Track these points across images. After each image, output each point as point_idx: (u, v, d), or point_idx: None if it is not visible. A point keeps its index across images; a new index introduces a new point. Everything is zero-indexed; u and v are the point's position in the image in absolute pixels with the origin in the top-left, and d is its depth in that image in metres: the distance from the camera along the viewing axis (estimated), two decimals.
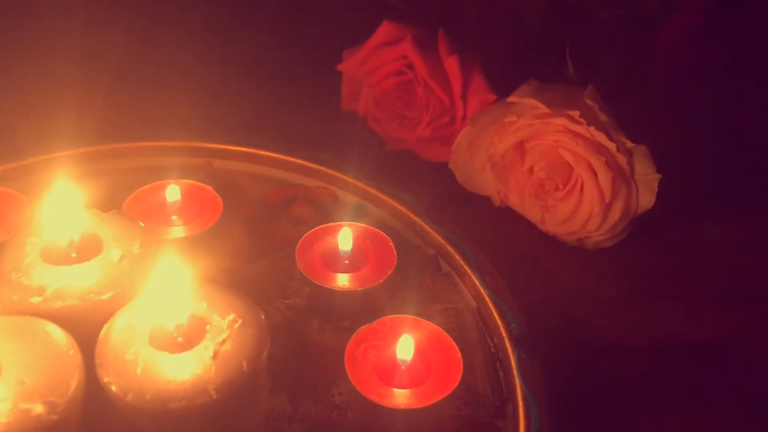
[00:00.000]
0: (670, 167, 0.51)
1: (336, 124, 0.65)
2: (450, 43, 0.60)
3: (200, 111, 0.61)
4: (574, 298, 0.51)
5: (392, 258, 0.48)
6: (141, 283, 0.37)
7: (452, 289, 0.50)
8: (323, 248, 0.49)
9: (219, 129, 0.59)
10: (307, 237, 0.49)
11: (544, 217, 0.54)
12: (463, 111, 0.60)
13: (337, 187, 0.57)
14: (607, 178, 0.51)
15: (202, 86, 0.64)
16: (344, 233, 0.49)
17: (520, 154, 0.55)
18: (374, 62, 0.62)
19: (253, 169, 0.59)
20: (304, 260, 0.48)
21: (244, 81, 0.65)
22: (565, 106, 0.52)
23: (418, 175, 0.61)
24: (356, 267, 0.48)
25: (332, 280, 0.47)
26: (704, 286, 0.52)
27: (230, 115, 0.63)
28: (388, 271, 0.47)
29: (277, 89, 0.66)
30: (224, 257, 0.51)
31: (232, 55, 0.68)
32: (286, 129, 0.62)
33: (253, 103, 0.64)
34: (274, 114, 0.64)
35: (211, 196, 0.53)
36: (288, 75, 0.68)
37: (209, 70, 0.66)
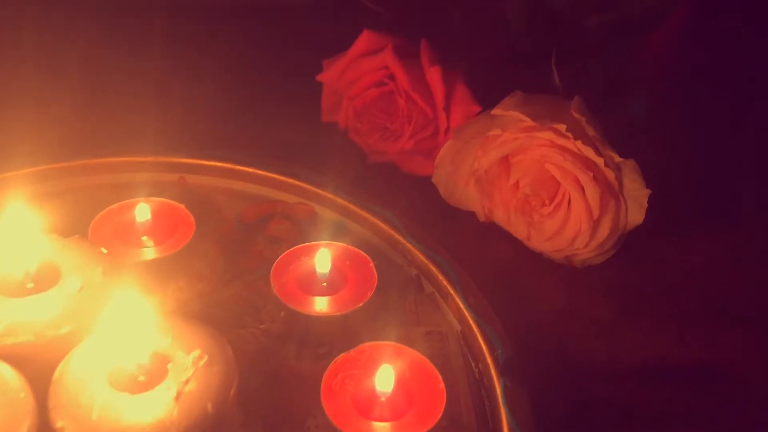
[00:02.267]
0: (659, 181, 0.50)
1: (316, 136, 0.62)
2: (432, 52, 0.58)
3: (173, 124, 0.58)
4: (562, 319, 0.49)
5: (372, 279, 0.46)
6: (101, 316, 0.34)
7: (436, 310, 0.48)
8: (300, 270, 0.47)
9: (193, 143, 0.57)
10: (283, 258, 0.47)
11: (530, 233, 0.52)
12: (446, 123, 0.58)
13: (316, 203, 0.55)
14: (595, 193, 0.49)
15: (175, 98, 0.61)
16: (322, 254, 0.47)
17: (505, 169, 0.53)
18: (354, 73, 0.60)
19: (229, 184, 0.56)
20: (279, 283, 0.46)
21: (219, 92, 0.63)
22: (551, 119, 0.50)
23: (400, 189, 0.59)
24: (334, 289, 0.46)
25: (309, 305, 0.45)
26: (695, 304, 0.50)
27: (205, 128, 0.60)
28: (368, 294, 0.45)
29: (254, 101, 0.64)
30: (198, 279, 0.49)
31: (206, 65, 0.65)
32: (264, 142, 0.60)
33: (229, 116, 0.62)
34: (251, 127, 0.62)
35: (183, 214, 0.51)
36: (265, 86, 0.66)
37: (182, 80, 0.64)
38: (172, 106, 0.60)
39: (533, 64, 0.59)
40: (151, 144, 0.56)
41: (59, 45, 0.62)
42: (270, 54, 0.68)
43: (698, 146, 0.60)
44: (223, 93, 0.64)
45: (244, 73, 0.67)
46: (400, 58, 0.57)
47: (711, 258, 0.53)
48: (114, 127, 0.59)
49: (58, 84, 0.60)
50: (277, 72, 0.67)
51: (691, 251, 0.53)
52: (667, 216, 0.52)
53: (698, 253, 0.53)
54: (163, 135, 0.56)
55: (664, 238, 0.54)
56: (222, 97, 0.63)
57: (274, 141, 0.61)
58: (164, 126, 0.58)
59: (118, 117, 0.60)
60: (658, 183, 0.49)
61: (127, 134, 0.56)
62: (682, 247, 0.53)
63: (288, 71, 0.67)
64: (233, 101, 0.64)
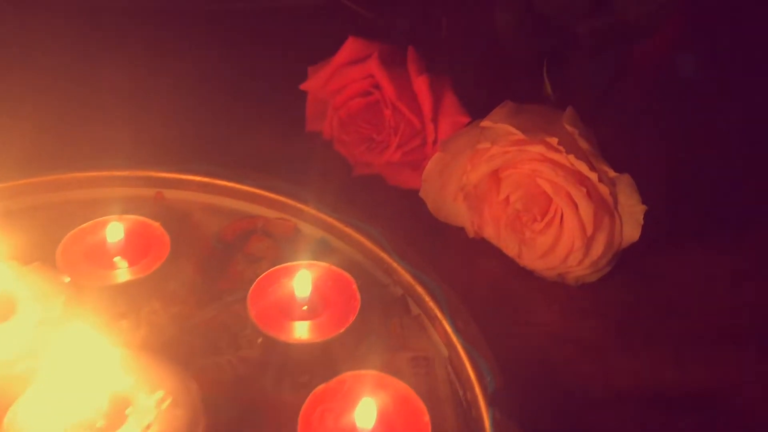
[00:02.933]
0: (656, 194, 0.48)
1: (300, 147, 0.60)
2: (420, 61, 0.56)
3: (148, 136, 0.56)
4: (555, 341, 0.47)
5: (355, 302, 0.44)
6: (59, 353, 0.32)
7: (422, 333, 0.46)
8: (279, 293, 0.44)
9: (170, 156, 0.54)
10: (262, 280, 0.45)
11: (522, 250, 0.50)
12: (434, 134, 0.55)
13: (298, 219, 0.53)
14: (589, 210, 0.47)
15: (151, 108, 0.59)
16: (301, 277, 0.45)
17: (495, 183, 0.51)
18: (339, 81, 0.58)
19: (207, 199, 0.54)
20: (257, 307, 0.43)
21: (198, 102, 0.61)
22: (542, 131, 0.48)
23: (387, 203, 0.57)
24: (315, 313, 0.44)
25: (288, 331, 0.42)
26: (694, 325, 0.48)
27: (182, 140, 0.58)
28: (350, 318, 0.43)
29: (234, 111, 0.62)
30: (173, 302, 0.47)
31: (184, 74, 0.63)
32: (245, 154, 0.58)
33: (208, 127, 0.60)
34: (231, 138, 0.59)
35: (158, 233, 0.48)
36: (247, 95, 0.63)
37: (159, 90, 0.61)
38: (148, 116, 0.58)
39: (524, 72, 0.57)
40: (126, 157, 0.53)
41: (27, 54, 0.60)
42: (251, 61, 0.66)
43: (695, 157, 0.58)
44: (202, 102, 0.61)
45: (225, 81, 0.64)
46: (386, 66, 0.55)
47: (710, 275, 0.50)
48: (86, 139, 0.57)
49: (26, 95, 0.57)
50: (259, 80, 0.65)
51: (689, 268, 0.51)
52: (664, 231, 0.50)
53: (697, 270, 0.51)
54: (138, 147, 0.54)
55: (661, 255, 0.51)
56: (201, 106, 0.61)
57: (255, 153, 0.58)
58: (139, 138, 0.55)
59: (90, 129, 0.57)
60: (654, 196, 0.47)
61: (100, 147, 0.53)
62: (681, 264, 0.51)
63: (271, 79, 0.65)
64: (213, 111, 0.61)
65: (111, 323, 0.44)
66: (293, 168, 0.57)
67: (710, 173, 0.57)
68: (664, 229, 0.50)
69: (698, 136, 0.59)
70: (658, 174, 0.54)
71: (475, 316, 0.46)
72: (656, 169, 0.54)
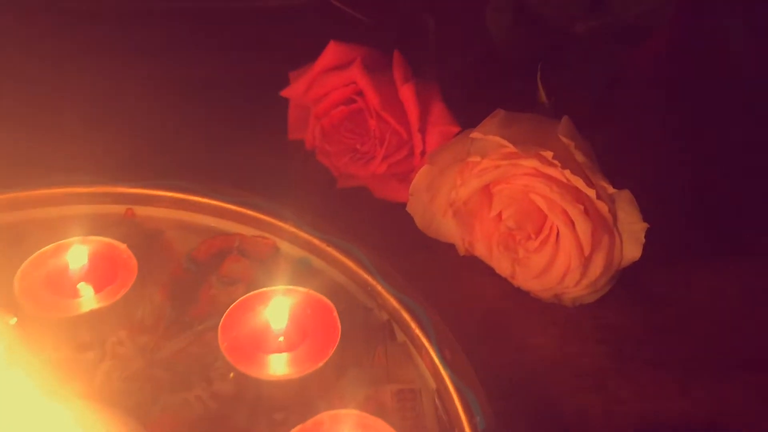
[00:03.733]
0: (657, 209, 0.44)
1: (280, 158, 0.57)
2: (406, 66, 0.52)
3: (116, 148, 0.52)
4: (552, 368, 0.44)
5: (335, 332, 0.41)
6: None
7: (408, 363, 0.43)
8: (253, 322, 0.41)
9: (140, 170, 0.51)
10: (234, 309, 0.42)
11: (515, 270, 0.47)
12: (422, 145, 0.52)
13: (277, 237, 0.50)
14: (587, 228, 0.44)
15: (119, 118, 0.55)
16: (278, 305, 0.41)
17: (486, 198, 0.47)
18: (321, 89, 0.54)
19: (180, 216, 0.51)
20: (229, 338, 0.40)
21: (171, 111, 0.57)
22: (536, 143, 0.45)
23: (372, 217, 0.53)
24: (292, 345, 0.41)
25: (262, 365, 0.39)
26: (701, 349, 0.45)
27: (154, 152, 0.54)
28: (330, 351, 0.40)
29: (211, 120, 0.58)
30: (140, 331, 0.43)
31: (154, 79, 0.59)
32: (222, 167, 0.55)
33: (182, 138, 0.56)
34: (207, 150, 0.56)
35: (124, 256, 0.45)
36: (224, 102, 0.60)
37: (126, 97, 0.57)
38: (116, 126, 0.54)
39: (517, 77, 0.54)
40: (91, 172, 0.50)
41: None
42: (229, 65, 0.62)
43: (701, 169, 0.54)
44: (175, 111, 0.57)
45: (200, 87, 0.60)
46: (369, 72, 0.52)
47: (718, 295, 0.47)
48: (45, 152, 0.53)
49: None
50: (237, 85, 0.61)
51: (695, 288, 0.48)
52: (668, 248, 0.47)
53: (703, 290, 0.47)
54: (104, 161, 0.50)
55: (665, 274, 0.48)
56: (174, 115, 0.57)
57: (232, 165, 0.55)
58: (106, 150, 0.52)
59: (51, 139, 0.53)
60: (656, 211, 0.44)
61: (62, 160, 0.50)
62: (686, 284, 0.48)
63: (250, 84, 0.61)
64: (187, 120, 0.57)
65: (73, 356, 0.42)
66: (273, 181, 0.54)
67: (718, 186, 0.53)
68: (668, 247, 0.47)
69: (705, 146, 0.55)
70: (660, 187, 0.50)
71: (466, 342, 0.43)
72: (658, 182, 0.51)
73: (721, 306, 0.47)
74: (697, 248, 0.50)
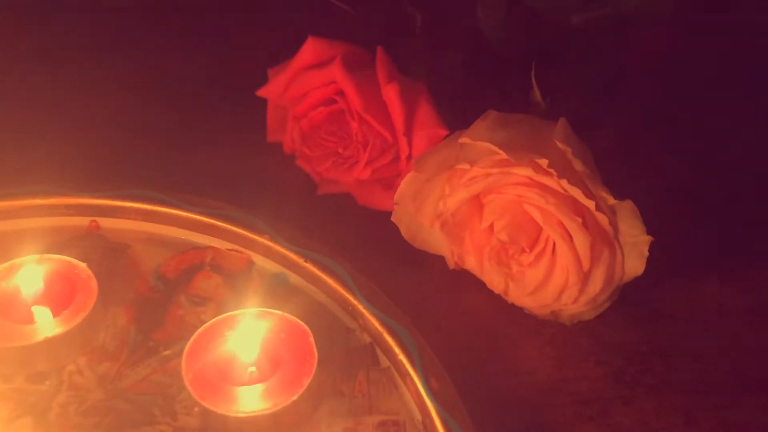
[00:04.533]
0: (661, 219, 0.41)
1: (258, 163, 0.53)
2: (390, 64, 0.49)
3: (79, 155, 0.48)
4: (548, 393, 0.40)
5: (311, 359, 0.37)
6: None
7: (392, 391, 0.39)
8: (221, 350, 0.38)
9: (105, 179, 0.47)
10: (201, 335, 0.38)
11: (509, 286, 0.43)
12: (408, 149, 0.48)
13: (252, 251, 0.46)
14: (585, 242, 0.40)
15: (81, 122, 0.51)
16: (248, 331, 0.38)
17: (476, 208, 0.44)
18: (299, 88, 0.51)
19: (149, 229, 0.47)
20: (194, 369, 0.37)
21: (138, 113, 0.53)
22: (530, 149, 0.41)
23: (355, 226, 0.50)
24: (264, 375, 0.37)
25: (231, 399, 0.36)
26: (706, 370, 0.41)
27: (120, 159, 0.51)
28: (305, 381, 0.37)
29: (182, 122, 0.54)
30: (101, 358, 0.40)
31: (121, 80, 0.54)
32: (194, 175, 0.51)
33: (150, 143, 0.52)
34: (178, 155, 0.52)
35: (84, 276, 0.42)
36: (196, 103, 0.56)
37: (89, 100, 0.53)
38: (77, 131, 0.50)
39: (510, 75, 0.50)
40: (51, 181, 0.46)
41: None
42: (202, 62, 0.58)
43: (708, 175, 0.50)
44: (142, 113, 0.53)
45: (170, 87, 0.56)
46: (350, 71, 0.48)
47: (725, 313, 0.44)
48: None
49: None
50: (211, 84, 0.57)
51: (701, 305, 0.44)
52: (673, 262, 0.44)
53: (710, 308, 0.44)
54: (65, 169, 0.46)
55: (669, 289, 0.45)
56: (141, 118, 0.53)
57: (205, 172, 0.51)
58: (67, 157, 0.48)
59: (5, 149, 0.50)
60: (660, 222, 0.40)
61: (18, 169, 0.46)
62: (691, 300, 0.44)
63: (225, 83, 0.57)
64: (155, 124, 0.53)
65: (26, 388, 0.38)
66: (249, 189, 0.50)
67: (727, 192, 0.50)
68: (673, 258, 0.44)
69: (714, 150, 0.51)
70: (665, 193, 0.47)
71: (455, 365, 0.39)
72: (663, 188, 0.47)
73: (731, 322, 0.44)
74: (705, 259, 0.46)
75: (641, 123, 0.50)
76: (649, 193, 0.42)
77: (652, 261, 0.41)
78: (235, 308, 0.41)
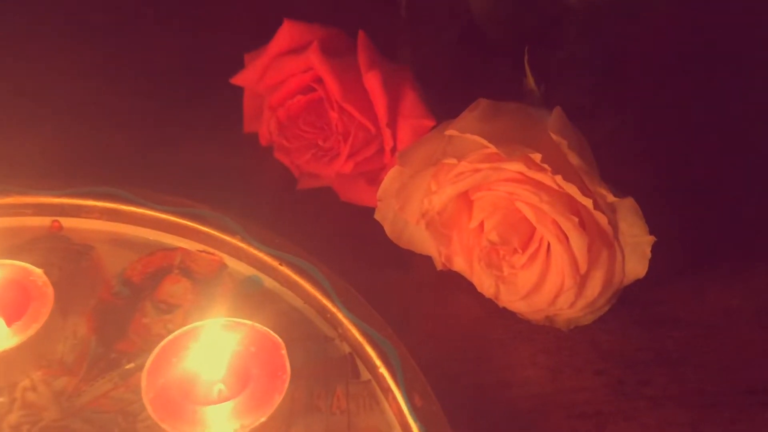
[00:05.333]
0: (665, 215, 0.38)
1: (233, 156, 0.50)
2: (372, 49, 0.45)
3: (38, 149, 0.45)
4: (543, 407, 0.37)
5: (283, 376, 0.34)
6: None
7: (374, 406, 0.36)
8: (186, 366, 0.35)
9: (66, 175, 0.44)
10: (165, 348, 0.35)
11: (500, 290, 0.40)
12: (392, 141, 0.45)
13: (224, 253, 0.43)
14: (582, 243, 0.37)
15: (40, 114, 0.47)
16: (215, 344, 0.35)
17: (465, 206, 0.41)
18: (275, 75, 0.47)
19: (114, 229, 0.44)
20: (155, 387, 0.34)
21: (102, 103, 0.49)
22: (522, 141, 0.38)
23: (337, 223, 0.46)
24: (233, 392, 0.34)
25: (196, 421, 0.33)
26: (714, 379, 0.38)
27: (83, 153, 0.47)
28: (276, 398, 0.34)
29: (150, 113, 0.51)
30: (58, 372, 0.37)
31: (83, 67, 0.50)
32: (162, 170, 0.47)
33: (116, 135, 0.49)
34: (145, 149, 0.49)
35: (40, 283, 0.39)
36: (166, 91, 0.52)
37: (50, 89, 0.49)
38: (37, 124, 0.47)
39: (501, 60, 0.47)
40: (8, 179, 0.43)
41: None
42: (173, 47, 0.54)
43: (717, 168, 0.47)
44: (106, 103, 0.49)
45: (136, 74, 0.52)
46: (329, 57, 0.44)
47: (733, 316, 0.41)
48: None
49: None
50: (182, 71, 0.53)
51: (708, 308, 0.41)
52: (677, 262, 0.41)
53: (717, 311, 0.41)
54: (24, 165, 0.43)
55: (672, 288, 0.42)
56: (105, 108, 0.49)
57: (173, 166, 0.48)
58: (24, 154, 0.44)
59: None
60: (664, 218, 0.37)
61: None
62: (696, 303, 0.41)
63: (198, 68, 0.54)
64: (121, 114, 0.50)
65: None
66: (221, 184, 0.47)
67: (734, 189, 0.46)
68: (676, 258, 0.41)
69: (721, 143, 0.48)
70: (668, 189, 0.44)
71: (442, 376, 0.37)
72: (666, 183, 0.44)
73: (738, 327, 0.41)
74: (710, 259, 0.43)
75: (644, 111, 0.46)
76: (650, 188, 0.38)
77: (654, 261, 0.38)
78: (205, 315, 0.38)
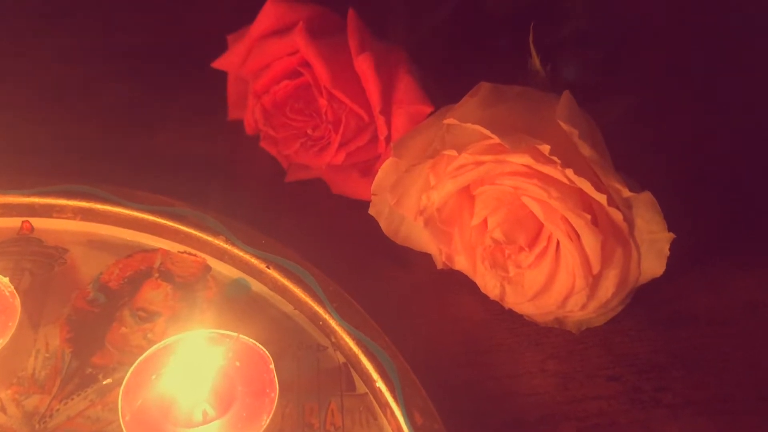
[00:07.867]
0: (683, 209, 0.35)
1: (217, 146, 0.46)
2: (362, 30, 0.41)
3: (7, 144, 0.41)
4: (553, 419, 0.35)
5: (271, 392, 0.32)
6: None
7: (371, 422, 0.34)
8: (165, 384, 0.32)
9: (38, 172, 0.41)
10: (143, 364, 0.33)
11: (505, 290, 0.37)
12: (386, 129, 0.42)
13: (207, 254, 0.40)
14: (595, 242, 0.34)
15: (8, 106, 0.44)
16: (198, 359, 0.32)
17: (466, 201, 0.38)
18: (260, 59, 0.44)
19: (89, 229, 0.41)
20: (132, 408, 0.31)
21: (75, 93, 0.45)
22: (528, 130, 0.34)
23: (330, 218, 0.43)
24: (217, 412, 0.32)
25: None
26: (736, 385, 0.36)
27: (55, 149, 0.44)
28: (263, 419, 0.31)
29: (127, 102, 0.47)
30: (29, 389, 0.34)
31: (53, 54, 0.47)
32: (140, 165, 0.44)
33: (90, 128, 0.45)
34: (122, 143, 0.45)
35: (6, 293, 0.36)
36: (143, 78, 0.48)
37: (18, 79, 0.45)
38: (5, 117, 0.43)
39: (505, 38, 0.43)
40: None
41: None
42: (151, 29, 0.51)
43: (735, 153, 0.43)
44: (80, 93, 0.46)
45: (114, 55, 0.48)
46: (316, 38, 0.41)
47: (756, 312, 0.38)
48: None
49: None
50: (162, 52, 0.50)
51: (729, 307, 0.38)
52: (695, 254, 0.38)
53: (738, 306, 0.38)
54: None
55: (690, 286, 0.39)
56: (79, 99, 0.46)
57: (154, 160, 0.45)
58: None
59: None
60: (682, 213, 0.34)
61: None
62: (716, 298, 0.38)
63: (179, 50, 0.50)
64: (96, 105, 0.46)
65: None
66: (205, 178, 0.44)
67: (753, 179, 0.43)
68: (695, 254, 0.38)
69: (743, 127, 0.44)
70: (686, 180, 0.40)
71: (444, 386, 0.34)
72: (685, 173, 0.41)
73: (760, 323, 0.38)
74: (731, 255, 0.40)
75: (658, 93, 0.43)
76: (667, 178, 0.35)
77: (672, 256, 0.35)
78: (187, 325, 0.35)
